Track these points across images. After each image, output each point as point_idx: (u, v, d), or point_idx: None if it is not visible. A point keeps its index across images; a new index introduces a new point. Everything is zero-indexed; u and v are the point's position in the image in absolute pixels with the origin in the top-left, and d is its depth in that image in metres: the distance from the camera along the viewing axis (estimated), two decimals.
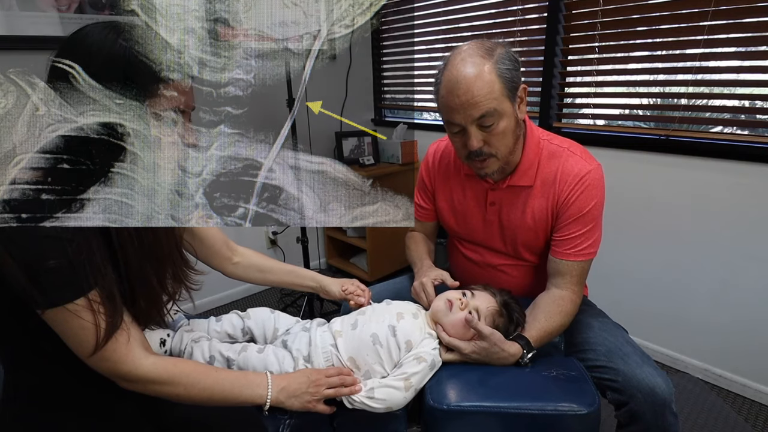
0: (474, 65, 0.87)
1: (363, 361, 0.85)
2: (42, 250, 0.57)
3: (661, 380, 0.86)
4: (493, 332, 0.87)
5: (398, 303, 0.98)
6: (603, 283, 1.83)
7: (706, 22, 1.41)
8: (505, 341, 0.88)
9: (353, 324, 0.89)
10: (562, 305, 0.96)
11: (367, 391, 0.80)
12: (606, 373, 0.91)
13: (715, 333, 1.60)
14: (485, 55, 0.88)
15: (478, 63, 0.87)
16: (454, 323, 0.89)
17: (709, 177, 1.50)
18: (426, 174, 1.18)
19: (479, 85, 0.85)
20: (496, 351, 0.87)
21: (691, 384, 1.62)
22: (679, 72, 1.53)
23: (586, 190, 0.95)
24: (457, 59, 0.89)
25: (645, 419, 0.85)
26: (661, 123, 1.63)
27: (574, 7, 1.69)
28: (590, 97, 1.75)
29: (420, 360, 0.84)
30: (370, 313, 0.93)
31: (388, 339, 0.86)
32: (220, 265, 1.01)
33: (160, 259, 0.72)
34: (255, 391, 0.74)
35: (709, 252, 1.55)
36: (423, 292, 0.99)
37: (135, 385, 0.67)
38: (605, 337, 0.98)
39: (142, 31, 0.64)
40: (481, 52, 0.88)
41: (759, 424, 1.45)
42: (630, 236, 1.72)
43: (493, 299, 0.92)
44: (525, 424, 0.81)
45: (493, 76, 0.86)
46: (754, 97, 1.46)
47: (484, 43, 0.91)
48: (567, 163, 0.97)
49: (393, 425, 0.88)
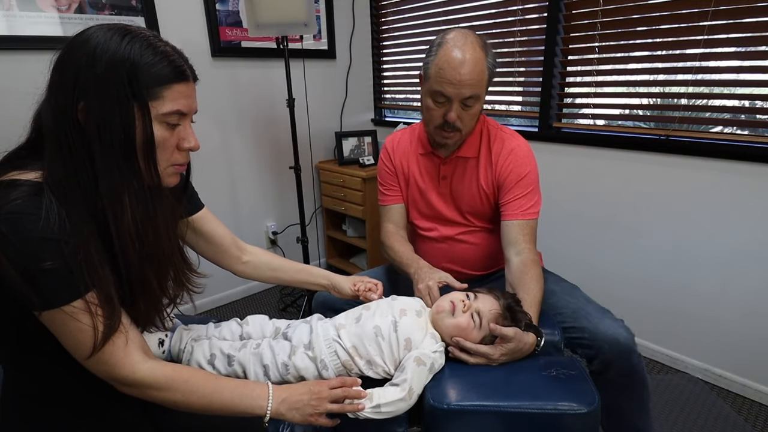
0: (475, 52, 1.02)
1: (365, 351, 0.85)
2: (38, 252, 0.56)
3: (622, 329, 1.00)
4: (515, 331, 0.88)
5: (403, 299, 0.98)
6: (603, 282, 1.84)
7: (706, 22, 1.41)
8: (524, 334, 0.90)
9: (357, 318, 0.90)
10: (530, 271, 1.04)
11: (374, 407, 0.79)
12: (574, 333, 1.05)
13: (715, 333, 1.60)
14: (483, 48, 1.04)
15: (478, 52, 1.02)
16: (452, 325, 0.90)
17: (709, 177, 1.50)
18: (387, 161, 1.30)
19: (477, 71, 1.02)
20: (521, 347, 0.89)
21: (691, 384, 1.62)
22: (679, 72, 1.53)
23: (519, 159, 1.14)
24: (460, 41, 1.02)
25: (615, 365, 1.00)
26: (661, 123, 1.63)
27: (574, 7, 1.69)
28: (590, 97, 1.75)
29: (419, 362, 0.84)
30: (375, 308, 0.93)
31: (389, 333, 0.86)
32: (230, 265, 1.00)
33: (161, 260, 0.71)
34: (255, 401, 0.72)
35: (709, 252, 1.55)
36: (429, 295, 1.00)
37: (132, 389, 0.67)
38: (567, 300, 1.12)
39: (145, 34, 0.64)
40: (480, 44, 1.04)
41: (759, 424, 1.45)
42: (630, 236, 1.72)
43: (496, 302, 0.92)
44: (525, 423, 0.81)
45: (485, 67, 1.04)
46: (754, 97, 1.46)
47: (479, 36, 1.05)
48: (502, 143, 1.17)
49: (393, 425, 0.88)
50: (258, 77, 2.16)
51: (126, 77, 0.60)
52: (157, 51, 0.63)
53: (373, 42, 2.55)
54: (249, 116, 2.18)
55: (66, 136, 0.60)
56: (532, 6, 1.82)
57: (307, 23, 1.73)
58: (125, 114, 0.60)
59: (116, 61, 0.59)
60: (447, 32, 1.07)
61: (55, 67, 0.61)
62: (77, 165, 0.60)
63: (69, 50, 0.61)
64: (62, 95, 0.60)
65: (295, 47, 2.03)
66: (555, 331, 1.03)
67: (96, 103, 0.59)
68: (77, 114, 0.60)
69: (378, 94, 2.66)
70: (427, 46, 1.11)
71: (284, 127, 2.14)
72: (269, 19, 1.71)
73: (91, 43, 0.60)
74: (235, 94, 2.11)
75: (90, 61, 0.59)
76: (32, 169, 0.61)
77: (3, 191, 0.57)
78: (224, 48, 2.02)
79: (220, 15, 1.98)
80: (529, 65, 1.89)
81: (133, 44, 0.61)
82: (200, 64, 1.96)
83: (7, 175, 0.60)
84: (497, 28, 1.95)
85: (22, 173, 0.60)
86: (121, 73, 0.59)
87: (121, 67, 0.60)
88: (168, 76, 0.63)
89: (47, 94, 0.62)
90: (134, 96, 0.61)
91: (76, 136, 0.60)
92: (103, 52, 0.59)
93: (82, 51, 0.59)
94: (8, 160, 0.64)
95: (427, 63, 1.08)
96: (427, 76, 1.07)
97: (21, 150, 0.66)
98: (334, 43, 2.40)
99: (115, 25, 0.62)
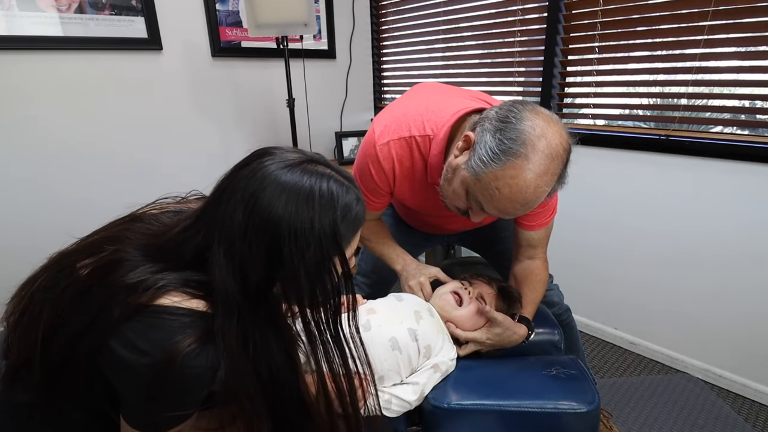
0: (549, 183, 0.75)
1: (380, 366, 0.80)
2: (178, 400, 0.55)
3: (552, 292, 1.20)
4: (505, 317, 0.90)
5: (410, 299, 0.94)
6: (603, 282, 1.84)
7: (706, 22, 1.41)
8: (514, 323, 0.92)
9: (365, 325, 0.82)
10: (540, 274, 1.04)
11: (385, 402, 0.79)
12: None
13: (715, 333, 1.60)
14: (555, 174, 0.76)
15: (551, 180, 0.75)
16: (467, 316, 0.90)
17: (709, 177, 1.50)
18: (384, 183, 0.99)
19: (532, 206, 0.79)
20: (509, 335, 0.91)
21: (691, 384, 1.62)
22: (679, 72, 1.53)
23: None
24: (542, 165, 0.73)
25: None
26: (661, 123, 1.63)
27: (574, 7, 1.69)
28: (590, 97, 1.75)
29: (436, 369, 0.84)
30: (383, 311, 0.87)
31: (407, 344, 0.81)
32: None
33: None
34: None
35: (709, 252, 1.55)
36: (421, 291, 0.99)
37: None
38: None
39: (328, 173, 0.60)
40: (559, 169, 0.76)
41: (759, 424, 1.45)
42: (630, 236, 1.72)
43: (489, 287, 0.93)
44: (525, 422, 0.81)
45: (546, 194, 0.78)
46: (754, 97, 1.46)
47: (565, 148, 0.76)
48: None
49: (393, 425, 0.88)
50: (258, 77, 2.16)
51: (334, 247, 0.56)
52: (350, 192, 0.59)
53: (373, 42, 2.55)
54: (249, 116, 2.18)
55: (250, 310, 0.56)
56: (532, 6, 1.81)
57: (307, 23, 1.73)
58: (331, 279, 0.57)
59: (326, 238, 0.55)
60: (536, 128, 0.73)
61: (236, 235, 0.54)
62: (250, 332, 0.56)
63: (254, 217, 0.54)
64: (254, 273, 0.55)
65: (295, 47, 2.03)
66: (555, 331, 1.03)
67: (304, 287, 0.56)
68: (272, 290, 0.57)
69: (378, 94, 2.66)
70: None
71: (284, 127, 2.14)
72: (269, 19, 1.71)
73: (286, 219, 0.54)
74: (235, 94, 2.11)
75: (293, 240, 0.54)
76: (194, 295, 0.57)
77: (181, 327, 0.53)
78: (224, 48, 2.02)
79: (220, 15, 1.98)
80: (529, 65, 1.89)
81: (331, 206, 0.56)
82: (200, 64, 1.99)
83: (173, 294, 0.56)
84: (497, 28, 1.95)
85: (185, 299, 0.56)
86: (329, 250, 0.56)
87: (329, 246, 0.56)
88: (361, 219, 0.61)
89: (225, 258, 0.55)
90: (338, 252, 0.57)
91: (262, 309, 0.57)
92: (308, 230, 0.54)
93: (275, 232, 0.54)
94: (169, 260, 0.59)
95: (484, 155, 0.75)
96: (475, 172, 0.76)
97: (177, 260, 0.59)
98: (334, 43, 2.40)
99: (297, 190, 0.55)
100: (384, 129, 0.94)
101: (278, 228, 0.54)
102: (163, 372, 0.51)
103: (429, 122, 0.91)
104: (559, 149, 0.74)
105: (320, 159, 0.61)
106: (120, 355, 0.52)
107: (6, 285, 0.66)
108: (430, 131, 0.91)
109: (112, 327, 0.52)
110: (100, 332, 0.53)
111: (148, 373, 0.52)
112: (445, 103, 0.93)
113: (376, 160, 0.95)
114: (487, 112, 0.80)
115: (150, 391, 0.53)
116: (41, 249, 0.66)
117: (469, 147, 0.80)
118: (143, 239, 0.61)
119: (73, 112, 1.71)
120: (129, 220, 0.67)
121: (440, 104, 0.93)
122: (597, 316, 1.92)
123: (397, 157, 0.94)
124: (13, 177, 1.64)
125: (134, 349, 0.52)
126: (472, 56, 2.10)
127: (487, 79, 2.06)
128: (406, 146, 0.93)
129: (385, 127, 0.94)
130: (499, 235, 1.25)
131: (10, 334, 0.61)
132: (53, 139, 1.69)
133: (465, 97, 0.98)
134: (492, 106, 0.83)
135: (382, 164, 0.94)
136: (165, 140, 1.95)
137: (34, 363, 0.56)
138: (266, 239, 0.54)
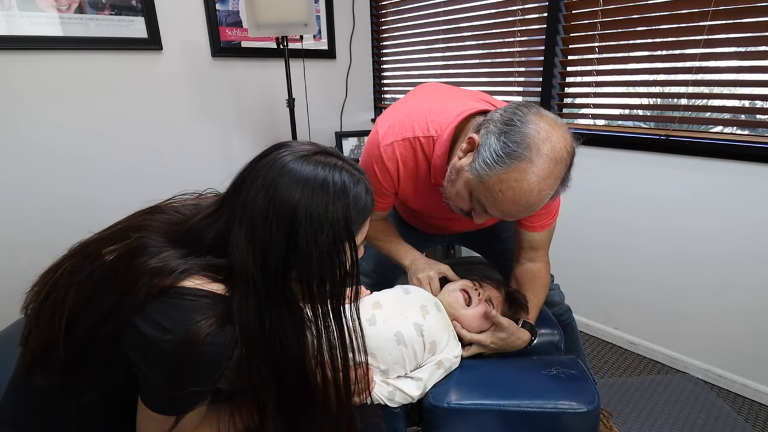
0: (552, 186, 0.75)
1: (384, 359, 0.80)
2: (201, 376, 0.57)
3: (553, 292, 1.19)
4: (510, 323, 0.90)
5: (417, 292, 0.93)
6: (603, 282, 1.84)
7: (706, 22, 1.41)
8: (518, 329, 0.92)
9: (370, 319, 0.82)
10: (543, 278, 1.04)
11: (389, 392, 0.80)
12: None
13: (715, 333, 1.60)
14: (559, 177, 0.76)
15: (554, 184, 0.75)
16: (474, 316, 0.90)
17: (709, 177, 1.50)
18: (388, 184, 0.99)
19: (536, 209, 0.78)
20: (513, 340, 0.91)
21: (691, 384, 1.62)
22: (679, 72, 1.53)
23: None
24: (546, 168, 0.73)
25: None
26: (661, 123, 1.63)
27: (574, 7, 1.69)
28: (590, 97, 1.75)
29: (440, 366, 0.84)
30: (388, 305, 0.87)
31: (413, 339, 0.82)
32: None
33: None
34: None
35: (709, 252, 1.55)
36: (429, 285, 0.98)
37: None
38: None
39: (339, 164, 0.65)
40: (563, 173, 0.76)
41: (759, 424, 1.45)
42: (630, 236, 1.72)
43: (497, 291, 0.94)
44: (525, 422, 0.81)
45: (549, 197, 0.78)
46: (754, 97, 1.46)
47: (569, 152, 0.76)
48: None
49: (393, 425, 0.88)
50: (258, 77, 2.15)
51: (346, 232, 0.61)
52: (360, 183, 0.64)
53: (373, 42, 2.55)
54: (249, 116, 2.18)
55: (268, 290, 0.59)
56: (532, 6, 1.81)
57: (307, 23, 1.73)
58: (342, 264, 0.62)
59: (339, 222, 0.59)
60: (540, 131, 0.73)
61: (257, 217, 0.58)
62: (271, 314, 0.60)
63: (274, 201, 0.58)
64: (273, 254, 0.58)
65: (295, 47, 2.03)
66: (555, 332, 1.03)
67: (315, 269, 0.60)
68: (289, 273, 0.60)
69: (378, 94, 2.66)
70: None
71: (284, 127, 2.14)
72: (269, 19, 1.71)
73: (303, 204, 0.58)
74: (235, 94, 2.11)
75: (308, 222, 0.58)
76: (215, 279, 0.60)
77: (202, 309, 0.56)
78: (224, 48, 2.02)
79: (220, 15, 1.98)
80: (529, 65, 1.89)
81: (343, 193, 0.60)
82: (200, 64, 1.99)
83: (195, 277, 0.58)
84: (497, 28, 1.95)
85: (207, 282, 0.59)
86: (341, 235, 0.60)
87: (341, 231, 0.60)
88: (370, 208, 0.66)
89: (246, 240, 0.59)
90: (349, 238, 0.62)
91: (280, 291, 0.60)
92: (322, 214, 0.58)
93: (293, 215, 0.58)
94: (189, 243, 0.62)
95: (488, 157, 0.75)
96: (479, 174, 0.76)
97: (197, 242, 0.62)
98: (334, 43, 2.40)
99: (313, 178, 0.59)
100: (388, 130, 0.94)
101: (295, 211, 0.58)
102: (184, 349, 0.54)
103: (433, 123, 0.91)
104: (563, 153, 0.74)
105: (333, 151, 0.66)
106: (144, 333, 0.54)
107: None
108: (433, 132, 0.91)
109: (137, 307, 0.55)
110: (126, 312, 0.55)
111: (170, 350, 0.54)
112: (449, 104, 0.93)
113: (381, 161, 0.95)
114: (492, 115, 0.80)
115: (171, 368, 0.55)
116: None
117: (473, 149, 0.79)
118: (166, 227, 0.65)
119: (73, 112, 1.71)
120: (150, 212, 0.70)
121: (444, 105, 0.93)
122: (597, 316, 1.92)
123: (401, 157, 0.94)
124: (12, 177, 1.64)
125: (158, 327, 0.54)
126: (472, 56, 2.10)
127: (487, 79, 2.06)
128: (409, 147, 0.93)
129: (388, 128, 0.95)
130: (499, 235, 1.25)
131: (30, 321, 0.63)
132: (53, 139, 1.69)
133: (468, 98, 0.98)
134: (496, 108, 0.83)
135: (386, 165, 0.95)
136: (165, 140, 1.95)
137: (57, 346, 0.57)
138: (285, 222, 0.58)
